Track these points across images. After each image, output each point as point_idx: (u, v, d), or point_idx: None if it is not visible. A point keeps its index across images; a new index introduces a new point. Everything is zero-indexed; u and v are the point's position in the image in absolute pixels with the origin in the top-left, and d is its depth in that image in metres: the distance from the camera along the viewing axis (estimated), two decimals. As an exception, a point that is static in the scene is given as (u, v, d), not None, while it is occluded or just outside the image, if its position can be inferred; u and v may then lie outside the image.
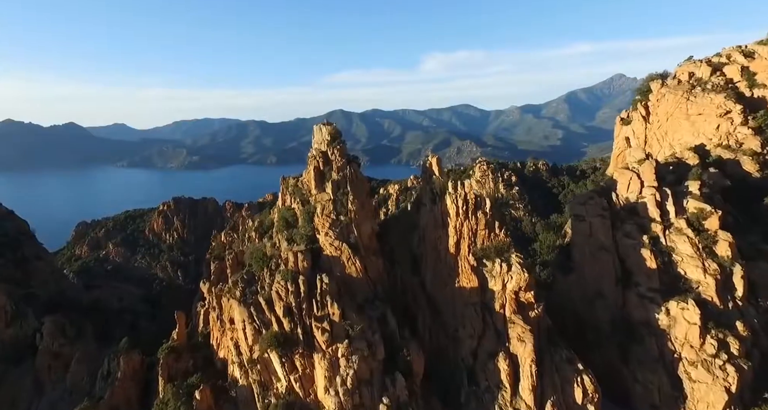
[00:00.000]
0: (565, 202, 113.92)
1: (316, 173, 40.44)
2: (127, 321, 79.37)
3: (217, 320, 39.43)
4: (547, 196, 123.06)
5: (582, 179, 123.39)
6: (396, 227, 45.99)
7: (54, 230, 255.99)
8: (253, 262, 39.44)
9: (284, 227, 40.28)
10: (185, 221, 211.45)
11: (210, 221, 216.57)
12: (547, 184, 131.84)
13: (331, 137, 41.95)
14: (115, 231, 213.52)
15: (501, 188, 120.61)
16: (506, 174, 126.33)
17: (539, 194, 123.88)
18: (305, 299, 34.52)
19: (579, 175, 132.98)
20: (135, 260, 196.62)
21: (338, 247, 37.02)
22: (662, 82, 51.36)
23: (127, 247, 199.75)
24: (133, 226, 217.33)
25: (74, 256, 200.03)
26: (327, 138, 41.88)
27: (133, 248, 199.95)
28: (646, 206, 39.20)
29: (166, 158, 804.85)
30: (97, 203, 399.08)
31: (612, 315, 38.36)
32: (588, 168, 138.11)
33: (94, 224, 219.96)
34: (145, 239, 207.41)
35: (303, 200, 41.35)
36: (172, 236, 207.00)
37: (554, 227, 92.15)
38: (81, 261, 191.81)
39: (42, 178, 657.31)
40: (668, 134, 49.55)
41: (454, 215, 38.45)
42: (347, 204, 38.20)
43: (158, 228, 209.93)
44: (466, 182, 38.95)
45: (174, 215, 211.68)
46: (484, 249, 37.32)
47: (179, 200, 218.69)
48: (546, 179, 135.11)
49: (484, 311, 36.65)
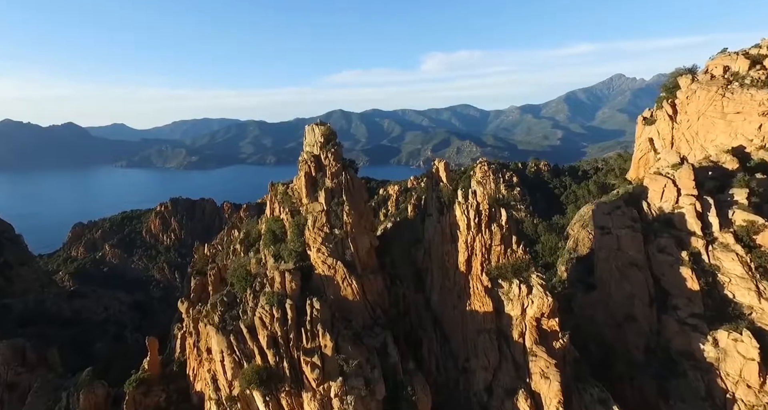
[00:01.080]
0: (567, 203, 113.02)
1: (307, 180, 35.49)
2: (111, 332, 74.26)
3: (193, 347, 34.57)
4: (549, 197, 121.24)
5: (584, 180, 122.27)
6: (398, 238, 41.13)
7: (52, 231, 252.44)
8: (235, 281, 34.55)
9: (271, 241, 35.37)
10: (183, 222, 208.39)
11: (208, 221, 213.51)
12: (548, 185, 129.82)
13: (324, 138, 36.99)
14: (112, 232, 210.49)
15: (502, 189, 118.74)
16: (507, 175, 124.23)
17: (541, 194, 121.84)
18: (293, 327, 29.59)
19: (581, 175, 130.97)
20: (132, 261, 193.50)
21: (332, 265, 32.16)
22: (692, 77, 46.40)
23: (124, 248, 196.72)
24: (130, 227, 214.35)
25: (70, 258, 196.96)
26: (320, 140, 36.93)
27: (130, 250, 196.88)
28: (684, 218, 34.24)
29: (165, 158, 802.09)
30: (96, 204, 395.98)
31: (646, 341, 33.45)
32: (590, 169, 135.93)
33: (91, 225, 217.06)
34: (142, 241, 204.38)
35: (293, 210, 36.39)
36: (169, 238, 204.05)
37: (556, 229, 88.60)
38: (77, 263, 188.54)
39: (40, 178, 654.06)
40: (699, 135, 44.60)
41: (465, 228, 33.58)
42: (342, 216, 33.33)
43: (155, 229, 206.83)
44: (478, 190, 33.94)
45: (171, 216, 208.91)
46: (500, 268, 32.46)
47: (177, 200, 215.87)
48: (547, 179, 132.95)
49: (499, 339, 31.78)
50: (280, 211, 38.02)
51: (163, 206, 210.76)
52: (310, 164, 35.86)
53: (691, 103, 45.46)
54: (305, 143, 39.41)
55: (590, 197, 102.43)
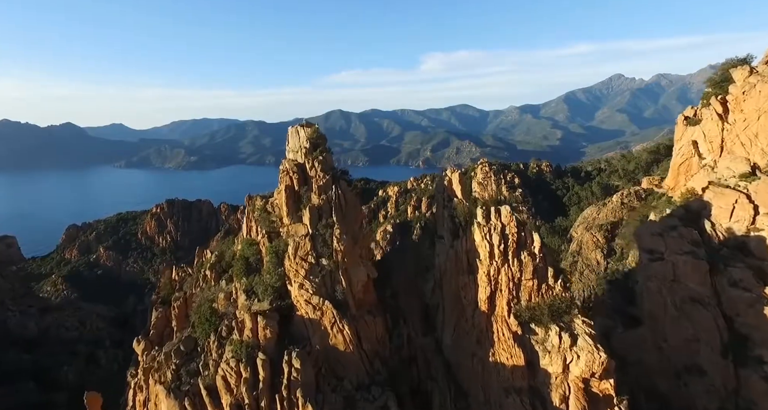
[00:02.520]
0: (569, 205, 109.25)
1: (288, 195, 28.47)
2: (82, 354, 66.80)
3: (143, 406, 27.44)
4: (551, 198, 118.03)
5: (587, 181, 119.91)
6: (401, 266, 33.78)
7: (50, 231, 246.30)
8: (197, 322, 27.45)
9: (243, 272, 28.18)
10: (179, 223, 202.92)
11: (205, 223, 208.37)
12: (550, 186, 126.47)
13: (311, 143, 30.00)
14: (107, 234, 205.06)
15: (504, 191, 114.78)
16: (509, 176, 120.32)
17: (543, 196, 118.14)
18: (265, 392, 22.52)
19: (584, 176, 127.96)
20: (126, 264, 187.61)
21: (318, 305, 25.05)
22: (750, 69, 39.12)
23: (119, 251, 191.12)
24: (125, 229, 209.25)
25: (63, 260, 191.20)
26: (305, 145, 29.96)
27: (125, 253, 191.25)
28: (764, 243, 27.12)
29: (164, 159, 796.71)
30: (95, 204, 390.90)
31: (720, 404, 26.26)
32: (593, 170, 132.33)
33: (85, 227, 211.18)
34: (137, 243, 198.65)
35: (271, 231, 29.20)
36: (165, 240, 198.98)
37: (559, 232, 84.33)
38: (70, 266, 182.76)
39: (39, 178, 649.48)
40: (760, 137, 37.32)
41: (487, 256, 26.38)
42: (332, 241, 26.22)
43: (151, 231, 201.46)
44: (503, 208, 26.67)
45: (167, 218, 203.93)
46: (533, 309, 25.32)
47: (173, 202, 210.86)
48: (549, 180, 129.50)
49: (534, 401, 24.59)
50: (257, 231, 30.88)
51: (159, 208, 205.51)
52: (292, 174, 28.82)
53: (749, 99, 38.15)
54: (288, 148, 32.38)
55: (593, 199, 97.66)
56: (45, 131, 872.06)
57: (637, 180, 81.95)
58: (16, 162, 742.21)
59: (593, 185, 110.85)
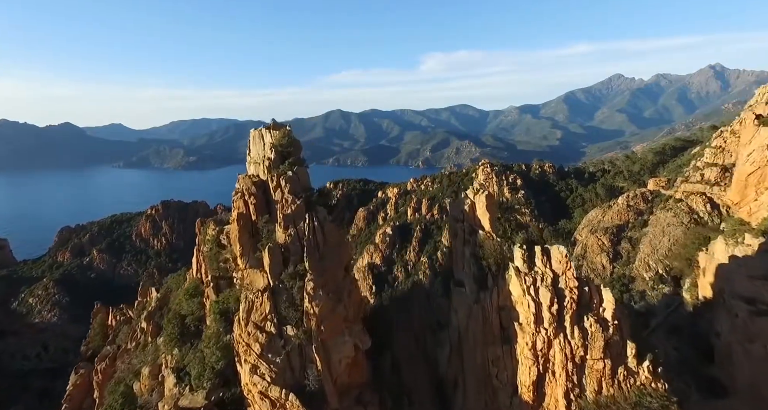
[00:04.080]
0: (573, 207, 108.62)
1: (242, 228, 19.95)
2: (35, 387, 56.50)
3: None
4: (554, 200, 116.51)
5: (591, 182, 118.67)
6: (405, 319, 24.62)
7: (49, 232, 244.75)
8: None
9: (176, 339, 20.35)
10: (174, 225, 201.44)
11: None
12: (554, 187, 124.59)
13: (277, 153, 21.21)
14: (100, 236, 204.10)
15: (506, 192, 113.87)
16: (511, 177, 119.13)
17: (546, 197, 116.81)
18: None
19: (587, 178, 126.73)
20: (120, 267, 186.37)
21: (279, 401, 17.22)
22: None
23: (113, 253, 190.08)
24: (120, 231, 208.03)
25: (56, 263, 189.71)
26: (270, 156, 21.15)
27: (119, 255, 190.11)
28: None
29: (163, 159, 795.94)
30: (93, 205, 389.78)
31: None
32: (596, 171, 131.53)
33: (78, 229, 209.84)
34: (131, 245, 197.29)
35: (221, 276, 20.86)
36: (160, 242, 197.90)
37: (563, 235, 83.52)
38: (62, 269, 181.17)
39: (37, 179, 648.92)
40: None
41: (531, 321, 18.88)
42: (302, 300, 18.13)
43: (145, 233, 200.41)
44: (554, 249, 19.84)
45: (162, 220, 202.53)
46: (606, 406, 17.79)
47: (168, 203, 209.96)
48: (552, 182, 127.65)
49: None
50: (204, 274, 23.02)
51: (154, 209, 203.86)
52: (248, 197, 19.97)
53: None
54: (249, 158, 24.14)
55: (598, 201, 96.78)
56: (44, 130, 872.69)
57: (643, 182, 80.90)
58: (15, 162, 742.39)
59: (597, 187, 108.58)
